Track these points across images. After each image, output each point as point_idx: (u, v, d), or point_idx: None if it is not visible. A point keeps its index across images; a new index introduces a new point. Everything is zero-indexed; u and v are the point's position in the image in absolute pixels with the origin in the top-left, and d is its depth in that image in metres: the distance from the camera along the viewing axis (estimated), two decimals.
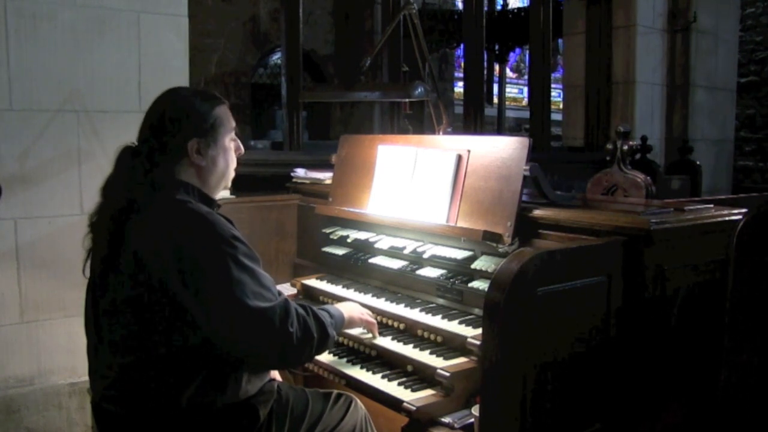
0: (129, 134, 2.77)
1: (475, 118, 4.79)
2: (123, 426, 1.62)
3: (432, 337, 2.07)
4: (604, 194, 2.75)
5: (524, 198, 2.10)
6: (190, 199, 1.63)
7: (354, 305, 2.10)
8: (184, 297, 1.51)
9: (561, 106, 6.29)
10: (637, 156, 4.42)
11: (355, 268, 2.56)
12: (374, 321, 2.13)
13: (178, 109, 1.69)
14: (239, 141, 1.83)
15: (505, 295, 1.52)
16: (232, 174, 1.81)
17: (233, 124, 1.78)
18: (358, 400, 1.96)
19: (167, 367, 1.55)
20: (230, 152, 1.78)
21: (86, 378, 1.91)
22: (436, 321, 2.09)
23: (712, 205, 2.10)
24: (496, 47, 9.37)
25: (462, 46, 7.00)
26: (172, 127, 1.66)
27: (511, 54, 10.54)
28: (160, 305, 1.52)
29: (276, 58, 8.71)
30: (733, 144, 6.31)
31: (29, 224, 2.71)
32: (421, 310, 2.18)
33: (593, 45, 5.28)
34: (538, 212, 2.05)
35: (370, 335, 2.13)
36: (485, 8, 4.93)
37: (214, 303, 1.51)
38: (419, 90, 2.55)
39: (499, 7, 9.53)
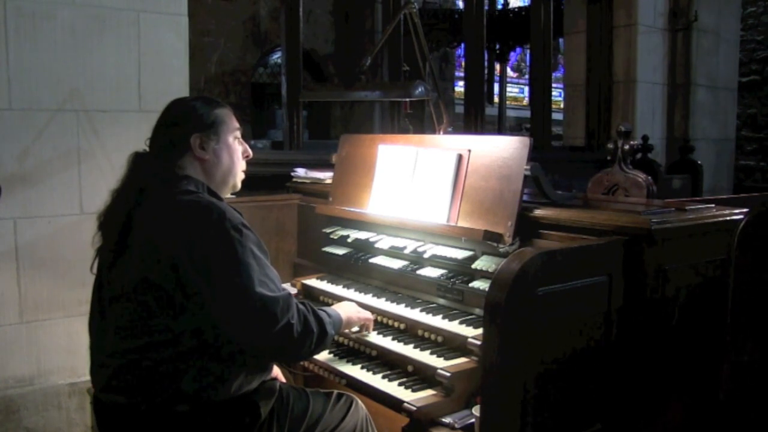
0: (129, 134, 2.82)
1: (476, 117, 4.79)
2: (124, 418, 1.63)
3: (432, 337, 2.07)
4: (604, 194, 2.75)
5: (525, 198, 2.09)
6: (198, 190, 1.69)
7: (350, 305, 2.11)
8: (192, 277, 1.55)
9: (562, 106, 6.28)
10: (638, 155, 4.42)
11: (356, 268, 2.55)
12: (371, 318, 2.14)
13: (181, 110, 1.80)
14: (246, 145, 1.89)
15: (506, 295, 1.51)
16: (239, 174, 1.87)
17: (236, 125, 1.85)
18: (359, 401, 1.96)
19: (169, 354, 1.58)
20: (235, 152, 1.83)
21: (86, 378, 1.90)
22: (437, 321, 2.08)
23: (713, 205, 2.10)
24: (497, 46, 9.34)
25: (462, 45, 6.99)
26: (175, 125, 1.76)
27: (512, 53, 10.52)
28: (168, 286, 1.56)
29: (276, 57, 8.71)
30: (735, 143, 6.30)
31: (29, 224, 2.70)
32: (421, 310, 2.17)
33: (594, 44, 5.27)
34: (538, 212, 2.04)
35: (364, 332, 2.13)
36: (486, 7, 4.92)
37: (220, 284, 1.55)
38: (420, 89, 2.55)
39: (499, 7, 9.51)
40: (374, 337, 2.14)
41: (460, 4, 10.23)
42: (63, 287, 2.78)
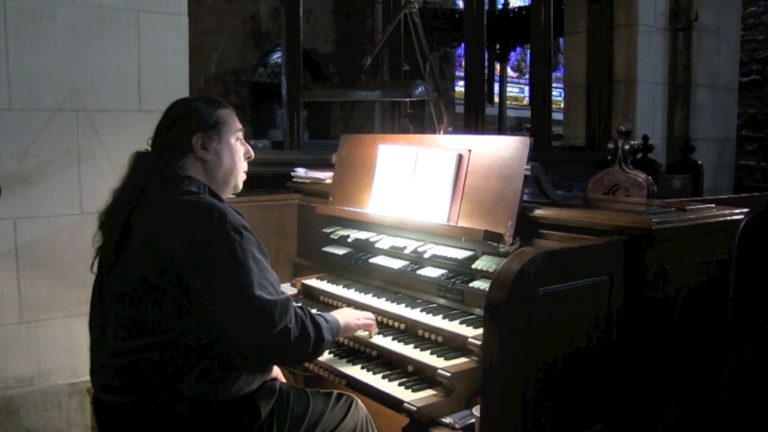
0: (129, 133, 2.82)
1: (476, 117, 4.78)
2: (124, 418, 1.63)
3: (433, 337, 2.06)
4: (605, 194, 2.74)
5: (525, 197, 2.09)
6: (199, 191, 1.69)
7: (349, 311, 2.11)
8: (192, 278, 1.55)
9: (562, 106, 6.28)
10: (639, 155, 4.41)
11: (356, 268, 2.55)
12: (372, 322, 2.13)
13: (183, 110, 1.80)
14: (248, 146, 1.89)
15: (507, 294, 1.51)
16: (241, 175, 1.87)
17: (239, 126, 1.85)
18: (359, 401, 1.96)
19: (169, 354, 1.58)
20: (237, 152, 1.83)
21: (86, 378, 1.90)
22: (437, 321, 2.08)
23: (713, 205, 2.09)
24: (497, 46, 9.34)
25: (463, 45, 6.99)
26: (177, 125, 1.76)
27: (512, 53, 10.52)
28: (168, 286, 1.56)
29: (276, 56, 8.70)
30: (735, 143, 6.29)
31: (29, 224, 2.70)
32: (421, 310, 2.17)
33: (594, 44, 5.27)
34: (539, 212, 2.04)
35: (366, 333, 2.13)
36: (486, 7, 4.92)
37: (220, 285, 1.55)
38: (420, 89, 2.54)
39: (500, 6, 9.51)
40: (374, 337, 2.13)
41: (460, 4, 10.22)
42: (63, 287, 2.77)
